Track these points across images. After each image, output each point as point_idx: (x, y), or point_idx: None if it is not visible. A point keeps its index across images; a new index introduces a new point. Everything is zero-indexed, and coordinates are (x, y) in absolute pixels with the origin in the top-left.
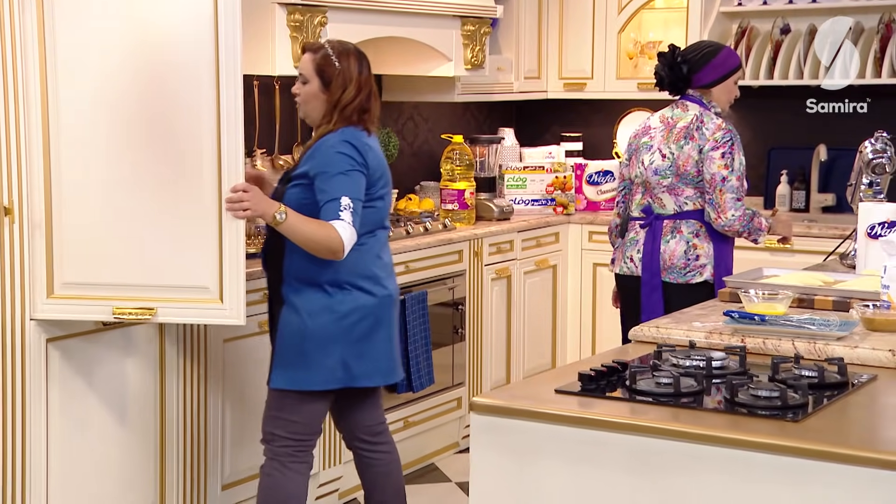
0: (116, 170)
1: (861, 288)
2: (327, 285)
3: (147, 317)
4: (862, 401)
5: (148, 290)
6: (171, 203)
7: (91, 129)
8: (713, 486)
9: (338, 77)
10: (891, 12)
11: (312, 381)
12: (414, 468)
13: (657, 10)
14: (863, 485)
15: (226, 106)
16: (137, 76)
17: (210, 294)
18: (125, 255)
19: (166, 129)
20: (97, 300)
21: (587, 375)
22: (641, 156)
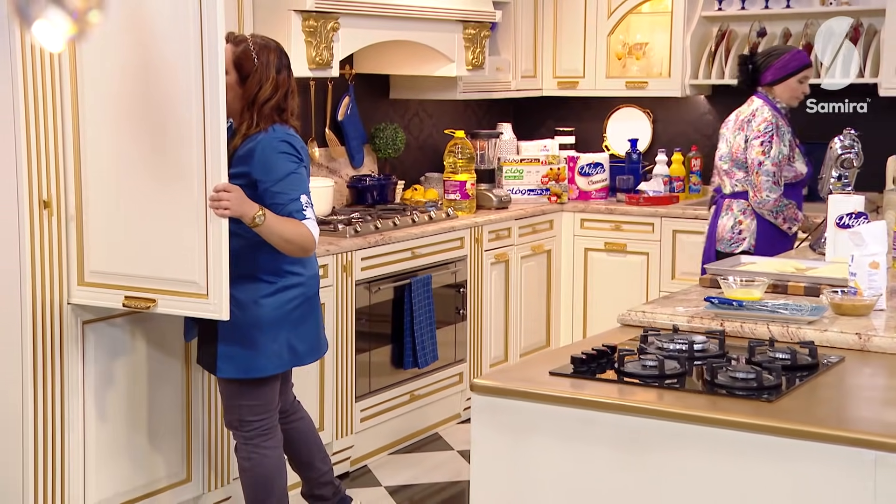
0: (125, 170)
1: (830, 275)
2: (265, 275)
3: (149, 307)
4: (831, 381)
5: (152, 281)
6: (170, 202)
7: (107, 137)
8: (694, 461)
9: (255, 73)
10: (858, 17)
11: (263, 368)
12: (419, 438)
13: (644, 14)
14: (832, 461)
15: (209, 113)
16: (142, 95)
17: (199, 289)
18: (135, 248)
19: (161, 134)
20: (114, 289)
21: (579, 358)
22: (719, 143)
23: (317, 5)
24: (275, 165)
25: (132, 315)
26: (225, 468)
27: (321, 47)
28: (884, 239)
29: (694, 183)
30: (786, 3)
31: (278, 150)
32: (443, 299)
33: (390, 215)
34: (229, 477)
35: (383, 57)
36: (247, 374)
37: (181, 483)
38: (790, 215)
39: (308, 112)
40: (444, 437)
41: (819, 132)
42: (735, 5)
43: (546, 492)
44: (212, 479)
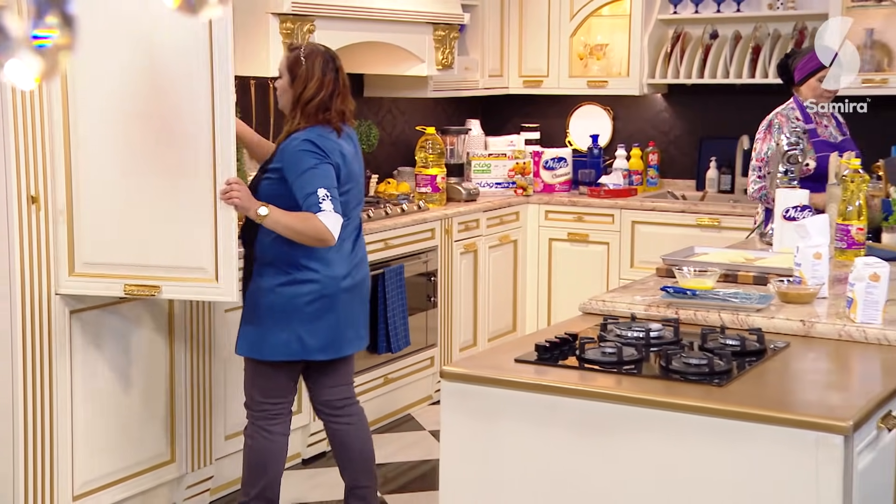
0: (126, 166)
1: (777, 265)
2: (285, 266)
3: (153, 294)
4: (777, 366)
5: (154, 269)
6: (174, 195)
7: (104, 131)
8: (651, 444)
9: (301, 75)
10: (803, 21)
11: (270, 352)
12: (393, 419)
13: (604, 16)
14: (777, 441)
15: (219, 111)
16: (144, 84)
17: (207, 274)
18: (135, 239)
19: (169, 130)
20: (111, 278)
21: (542, 346)
22: None
23: (293, 8)
24: (297, 162)
25: (118, 304)
26: (207, 449)
27: None
28: (826, 231)
29: (651, 176)
30: (736, 7)
31: (300, 148)
32: (415, 287)
33: (364, 208)
34: (211, 457)
35: (357, 57)
36: (254, 355)
37: (165, 464)
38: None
39: None
40: (417, 418)
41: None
42: (689, 9)
43: (511, 472)
44: (194, 459)
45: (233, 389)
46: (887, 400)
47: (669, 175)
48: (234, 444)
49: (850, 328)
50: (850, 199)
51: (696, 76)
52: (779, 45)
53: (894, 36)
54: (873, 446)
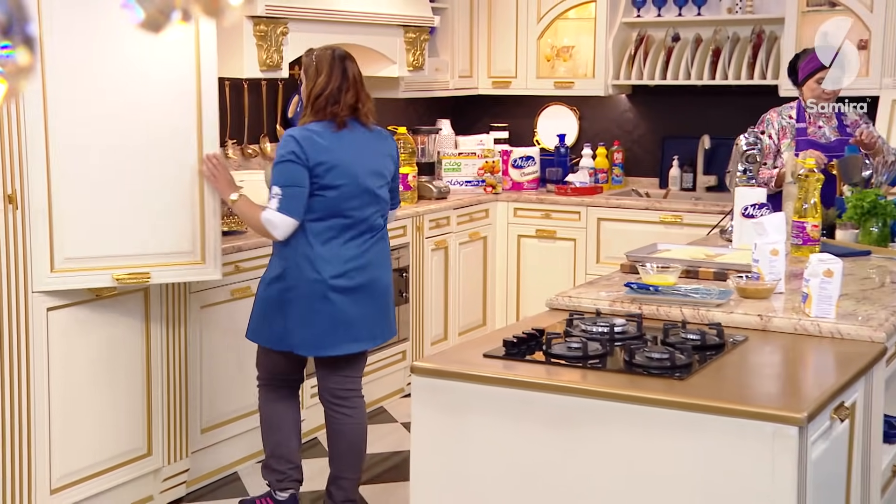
0: (107, 160)
1: (736, 261)
2: (282, 260)
3: (145, 280)
4: (736, 360)
5: (142, 258)
6: (158, 186)
7: (83, 128)
8: (615, 436)
9: (311, 73)
10: (761, 24)
11: (263, 339)
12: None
13: (570, 19)
14: (736, 433)
15: (206, 107)
16: (125, 80)
17: (193, 257)
18: (121, 231)
19: (151, 124)
20: (99, 270)
21: (510, 342)
22: None
23: (267, 11)
24: (276, 156)
25: (94, 301)
26: (183, 443)
27: (271, 50)
28: (783, 228)
29: (616, 174)
30: (697, 11)
31: (281, 143)
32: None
33: None
34: (188, 451)
35: None
36: (252, 338)
37: (142, 457)
38: (761, 180)
39: (260, 110)
40: (389, 411)
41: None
42: (652, 12)
43: (480, 464)
44: (171, 453)
45: (208, 385)
46: (840, 392)
47: (634, 173)
48: (210, 438)
49: (805, 322)
50: (806, 197)
51: (658, 77)
52: (738, 48)
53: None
54: (826, 436)
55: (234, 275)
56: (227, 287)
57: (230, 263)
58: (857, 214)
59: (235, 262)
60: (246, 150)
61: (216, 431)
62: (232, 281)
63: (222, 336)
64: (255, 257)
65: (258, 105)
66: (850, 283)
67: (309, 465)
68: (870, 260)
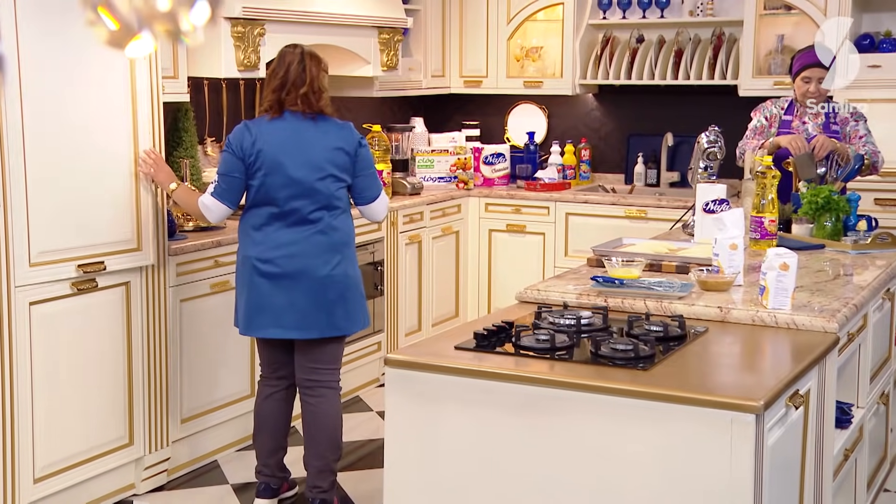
0: (68, 167)
1: (698, 255)
2: (237, 243)
3: (101, 269)
4: (697, 350)
5: (97, 247)
6: (104, 186)
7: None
8: (582, 424)
9: (270, 65)
10: (721, 27)
11: (237, 322)
12: (343, 400)
13: (539, 21)
14: (696, 421)
15: (142, 116)
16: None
17: (132, 244)
18: (80, 225)
19: (97, 137)
20: (64, 262)
21: (481, 334)
22: None
23: (244, 12)
24: None
25: (75, 296)
26: (164, 432)
27: (248, 51)
28: (741, 224)
29: (584, 171)
30: (660, 14)
31: None
32: (363, 276)
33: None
34: (168, 440)
35: None
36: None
37: (124, 446)
38: (749, 146)
39: (238, 108)
40: (364, 400)
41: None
42: (617, 14)
43: (452, 452)
44: (152, 442)
45: (188, 376)
46: (795, 380)
47: (600, 170)
48: (190, 428)
49: (763, 314)
50: (764, 193)
51: (623, 77)
52: (699, 49)
53: (803, 41)
54: (782, 423)
55: (213, 269)
56: (207, 281)
57: (209, 258)
58: (811, 210)
59: (214, 257)
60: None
61: (196, 421)
62: (211, 275)
63: (202, 328)
64: (233, 252)
65: (236, 104)
66: (804, 275)
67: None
68: (824, 253)
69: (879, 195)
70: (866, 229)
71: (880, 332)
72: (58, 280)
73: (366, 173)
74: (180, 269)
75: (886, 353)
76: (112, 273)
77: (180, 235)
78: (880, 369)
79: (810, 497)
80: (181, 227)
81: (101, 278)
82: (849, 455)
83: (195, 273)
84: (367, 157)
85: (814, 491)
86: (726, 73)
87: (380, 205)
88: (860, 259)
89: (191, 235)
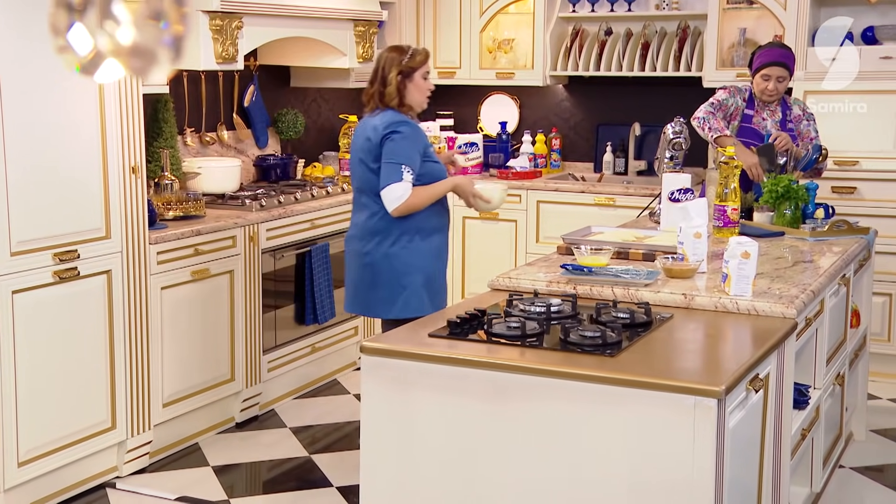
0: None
1: (663, 243)
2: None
3: (76, 257)
4: (663, 336)
5: (71, 235)
6: (78, 174)
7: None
8: (552, 409)
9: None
10: (686, 20)
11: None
12: (320, 384)
13: (510, 14)
14: (660, 405)
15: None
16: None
17: (102, 233)
18: (57, 215)
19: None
20: (42, 251)
21: (454, 322)
22: None
23: (222, 6)
24: None
25: (57, 284)
26: (146, 416)
27: (227, 44)
28: (705, 213)
29: (554, 160)
30: (627, 7)
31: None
32: (339, 263)
33: (292, 190)
34: (150, 423)
35: (284, 50)
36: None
37: (107, 430)
38: (714, 125)
39: (217, 99)
40: (342, 383)
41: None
42: (586, 8)
43: (426, 437)
44: (134, 425)
45: (169, 361)
46: (755, 365)
47: (570, 158)
48: (172, 411)
49: (725, 300)
50: (727, 182)
51: (592, 69)
52: (665, 42)
53: (764, 35)
54: (743, 405)
55: (194, 257)
56: (187, 269)
57: (190, 246)
58: (772, 198)
59: (195, 245)
60: (204, 138)
61: (178, 405)
62: (191, 263)
63: (183, 315)
64: (214, 240)
65: (215, 95)
66: (765, 262)
67: (268, 434)
68: (783, 240)
69: (836, 183)
70: (824, 217)
71: (836, 316)
72: (39, 268)
73: (382, 162)
74: (161, 258)
75: (842, 336)
76: (93, 260)
77: (160, 224)
78: (836, 351)
79: (769, 475)
80: (161, 216)
81: (83, 266)
82: (806, 434)
83: (176, 261)
84: (386, 148)
85: (772, 469)
86: (691, 65)
87: (385, 196)
88: (818, 246)
89: (171, 224)
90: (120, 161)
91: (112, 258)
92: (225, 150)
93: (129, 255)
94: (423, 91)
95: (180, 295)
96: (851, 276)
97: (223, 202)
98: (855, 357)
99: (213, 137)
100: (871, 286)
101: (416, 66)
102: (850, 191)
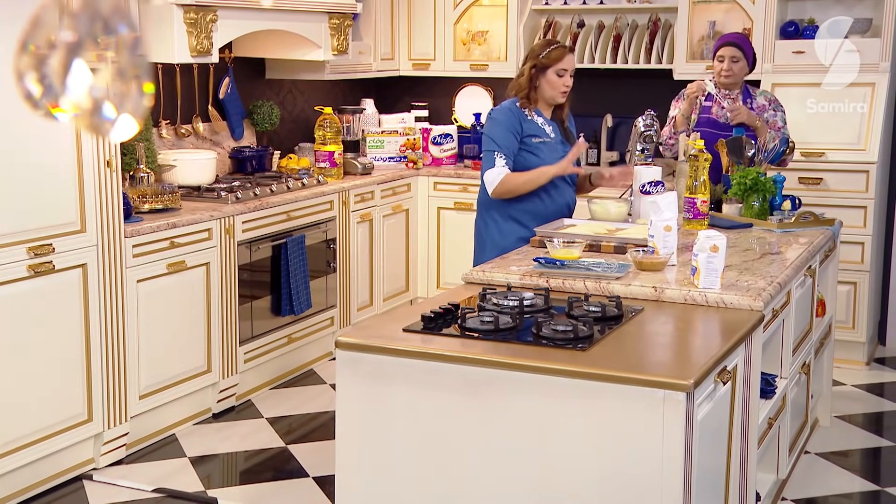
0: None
1: (634, 236)
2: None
3: (51, 251)
4: (633, 329)
5: (46, 229)
6: (51, 168)
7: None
8: (525, 403)
9: None
10: (657, 13)
11: None
12: (296, 374)
13: (484, 6)
14: (631, 399)
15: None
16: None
17: (77, 227)
18: (31, 209)
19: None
20: (17, 244)
21: (428, 316)
22: None
23: None
24: None
25: (32, 278)
26: (122, 408)
27: (202, 37)
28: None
29: None
30: (599, 0)
31: None
32: (315, 254)
33: (268, 182)
34: (126, 415)
35: (259, 43)
36: None
37: (83, 423)
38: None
39: (193, 91)
40: (318, 373)
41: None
42: (559, 0)
43: (400, 430)
44: (111, 417)
45: (145, 353)
46: (723, 358)
47: None
48: (148, 403)
49: (694, 293)
50: (696, 175)
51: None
52: (636, 35)
53: (733, 28)
54: (711, 398)
55: (170, 250)
56: (163, 261)
57: (165, 239)
58: (740, 191)
59: (171, 238)
60: (179, 130)
61: (154, 397)
62: (167, 256)
63: (159, 307)
64: (189, 233)
65: (190, 87)
66: (733, 254)
67: (245, 424)
68: (751, 232)
69: (803, 174)
70: (790, 209)
71: (802, 306)
72: (13, 262)
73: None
74: (136, 251)
75: (808, 326)
76: (68, 254)
77: (136, 217)
78: (802, 341)
79: (737, 464)
80: (137, 208)
81: (58, 260)
82: (773, 423)
83: (152, 254)
84: (484, 133)
85: (740, 458)
86: (662, 57)
87: (484, 179)
88: (785, 237)
89: (146, 217)
90: (94, 154)
91: (87, 252)
92: (200, 142)
93: (104, 248)
94: (555, 87)
95: (156, 287)
96: (817, 266)
97: (199, 194)
98: (820, 345)
99: (188, 130)
100: (836, 276)
101: (549, 63)
102: (817, 182)
